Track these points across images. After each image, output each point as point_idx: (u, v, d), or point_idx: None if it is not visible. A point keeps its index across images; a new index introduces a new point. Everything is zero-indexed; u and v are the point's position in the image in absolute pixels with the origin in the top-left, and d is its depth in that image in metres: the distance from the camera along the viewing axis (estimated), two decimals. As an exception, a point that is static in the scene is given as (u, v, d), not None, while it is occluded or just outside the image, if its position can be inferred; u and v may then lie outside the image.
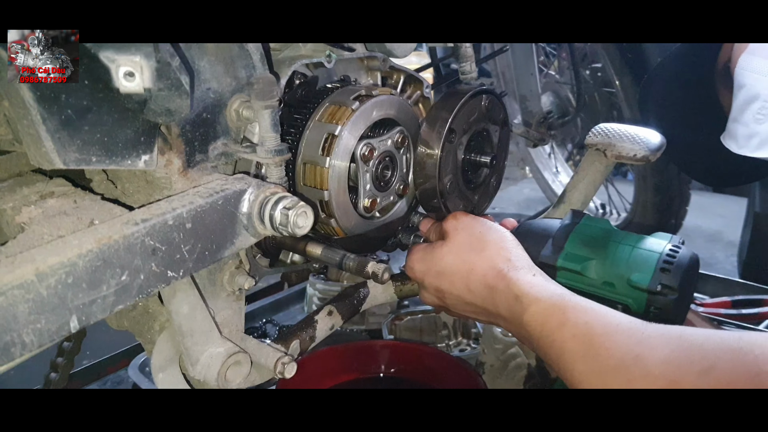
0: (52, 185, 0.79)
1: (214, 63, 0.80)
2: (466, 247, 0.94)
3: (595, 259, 0.92)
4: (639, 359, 0.67)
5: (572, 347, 0.74)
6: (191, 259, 0.69)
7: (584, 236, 0.97)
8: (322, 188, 0.89)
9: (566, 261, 0.94)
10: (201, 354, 0.84)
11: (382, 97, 0.95)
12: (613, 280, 0.90)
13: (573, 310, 0.78)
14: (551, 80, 2.31)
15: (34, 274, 0.56)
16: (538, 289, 0.84)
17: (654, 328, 0.71)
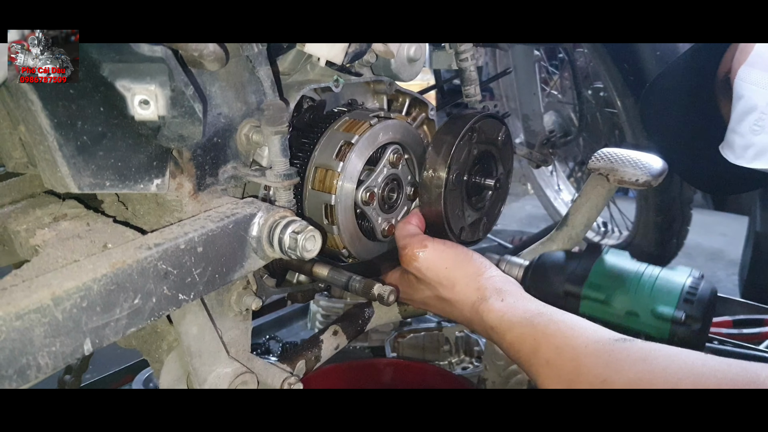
0: (65, 207, 0.81)
1: (225, 88, 0.82)
2: (439, 288, 0.96)
3: (619, 290, 0.95)
4: (606, 383, 0.70)
5: (547, 373, 0.77)
6: (202, 282, 0.71)
7: (607, 267, 0.99)
8: (330, 192, 0.91)
9: (590, 290, 0.97)
10: (209, 374, 0.85)
11: (397, 122, 0.97)
12: (638, 310, 0.93)
13: (543, 336, 0.80)
14: (554, 100, 2.34)
15: (50, 299, 0.57)
16: (509, 317, 0.85)
17: (621, 348, 0.73)
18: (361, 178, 0.95)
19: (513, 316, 0.85)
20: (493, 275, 0.93)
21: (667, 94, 1.17)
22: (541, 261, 1.07)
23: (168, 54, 0.65)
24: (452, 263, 0.95)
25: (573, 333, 0.78)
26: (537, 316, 0.84)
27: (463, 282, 0.93)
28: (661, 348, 0.71)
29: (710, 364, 0.66)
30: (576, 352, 0.75)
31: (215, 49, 0.71)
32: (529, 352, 0.80)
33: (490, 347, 1.48)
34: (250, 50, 0.78)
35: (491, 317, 0.87)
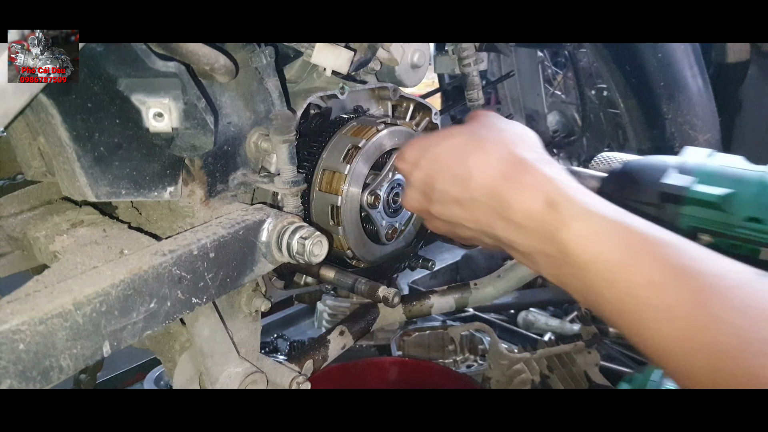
0: (81, 214, 0.84)
1: (235, 98, 0.85)
2: (483, 128, 0.74)
3: (736, 191, 0.73)
4: (762, 340, 0.47)
5: (655, 303, 0.53)
6: (214, 286, 0.74)
7: (719, 165, 0.77)
8: (336, 194, 0.93)
9: (701, 187, 0.74)
10: (220, 374, 0.88)
11: (403, 128, 1.00)
12: (761, 215, 0.71)
13: (645, 245, 0.56)
14: (557, 100, 2.36)
15: (71, 304, 0.60)
16: (584, 198, 0.61)
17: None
18: (366, 182, 0.97)
19: (592, 198, 0.61)
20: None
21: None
22: (629, 165, 0.86)
23: (181, 69, 0.68)
24: (519, 125, 0.75)
25: (692, 253, 0.55)
26: (626, 215, 0.59)
27: (520, 136, 0.71)
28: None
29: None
30: (703, 281, 0.52)
31: (226, 63, 0.74)
32: (617, 262, 0.56)
33: (494, 346, 1.50)
34: (259, 62, 0.81)
35: (558, 184, 0.62)
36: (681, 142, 1.66)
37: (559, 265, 0.62)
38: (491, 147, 0.69)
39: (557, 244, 0.60)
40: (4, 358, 0.56)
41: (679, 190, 0.75)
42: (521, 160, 0.66)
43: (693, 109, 1.64)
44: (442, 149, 0.74)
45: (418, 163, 0.76)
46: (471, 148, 0.70)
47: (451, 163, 0.71)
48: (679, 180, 0.76)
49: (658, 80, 1.61)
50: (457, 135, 0.74)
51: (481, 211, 0.68)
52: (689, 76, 1.64)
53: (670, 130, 1.65)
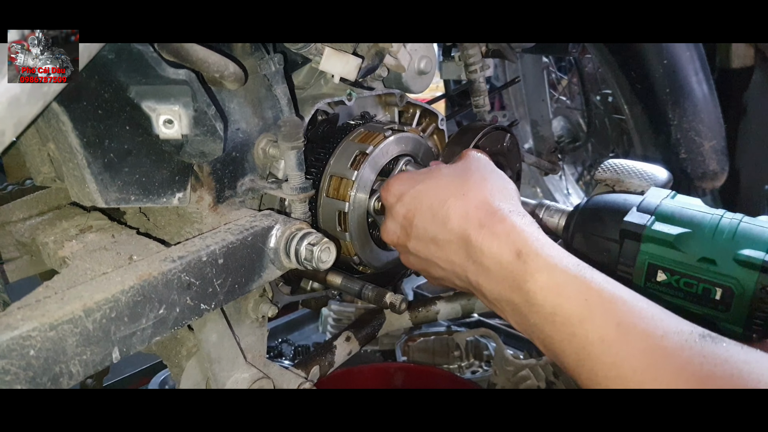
0: (90, 219, 0.84)
1: (243, 105, 0.85)
2: (467, 172, 0.77)
3: (692, 231, 0.76)
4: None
5: (600, 357, 0.58)
6: (222, 292, 0.74)
7: (678, 206, 0.80)
8: (343, 200, 0.94)
9: (658, 227, 0.77)
10: (227, 379, 0.88)
11: (410, 134, 1.00)
12: (715, 256, 0.73)
13: (599, 301, 0.60)
14: (562, 105, 2.36)
15: (82, 310, 0.60)
16: (551, 252, 0.65)
17: (711, 353, 0.55)
18: (374, 188, 0.98)
19: (556, 252, 0.65)
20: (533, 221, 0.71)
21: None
22: (593, 201, 0.89)
23: (191, 76, 0.68)
24: (500, 173, 0.78)
25: (641, 312, 0.58)
26: (587, 269, 0.63)
27: (500, 185, 0.75)
28: (764, 359, 0.54)
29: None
30: (649, 343, 0.56)
31: (235, 70, 0.74)
32: (575, 316, 0.60)
33: (500, 352, 1.50)
34: (268, 69, 0.81)
35: (527, 237, 0.66)
36: (686, 149, 1.66)
37: (525, 315, 0.65)
38: (471, 193, 0.73)
39: (524, 294, 0.64)
40: (14, 364, 0.56)
41: (638, 228, 0.78)
42: (496, 210, 0.70)
43: (698, 116, 1.64)
44: (425, 187, 0.77)
45: (402, 197, 0.79)
46: (452, 191, 0.74)
47: (432, 203, 0.75)
48: (638, 218, 0.79)
49: (663, 86, 1.61)
50: (442, 176, 0.77)
51: (455, 253, 0.72)
52: (695, 83, 1.64)
53: (675, 137, 1.65)
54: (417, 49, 1.07)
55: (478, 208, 0.71)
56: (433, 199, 0.75)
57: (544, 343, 0.64)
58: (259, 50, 0.84)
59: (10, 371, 0.56)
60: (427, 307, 1.20)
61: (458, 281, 0.75)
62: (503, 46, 1.25)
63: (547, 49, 1.46)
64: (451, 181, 0.76)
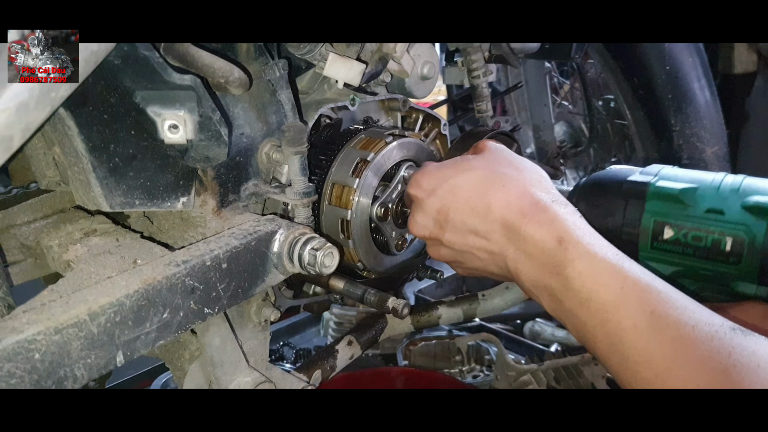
0: (94, 223, 0.85)
1: (247, 110, 0.86)
2: (502, 162, 0.79)
3: (697, 186, 0.76)
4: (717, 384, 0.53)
5: (634, 344, 0.60)
6: (226, 296, 0.74)
7: (680, 170, 0.80)
8: (346, 207, 0.94)
9: (662, 183, 0.76)
10: (230, 383, 0.89)
11: (411, 139, 1.00)
12: (722, 207, 0.73)
13: (633, 289, 0.62)
14: (564, 110, 2.36)
15: (86, 314, 0.61)
16: (591, 240, 0.67)
17: (741, 345, 0.55)
18: (376, 194, 0.98)
19: (596, 241, 0.67)
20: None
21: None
22: (595, 175, 0.90)
23: (197, 82, 0.68)
24: (529, 161, 0.80)
25: (675, 302, 0.60)
26: (625, 260, 0.65)
27: (536, 175, 0.77)
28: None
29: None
30: (680, 332, 0.57)
31: (240, 76, 0.74)
32: (609, 303, 0.62)
33: (501, 357, 1.50)
34: (272, 74, 0.82)
35: (567, 225, 0.68)
36: (688, 154, 1.66)
37: (561, 300, 0.67)
38: (511, 185, 0.75)
39: (562, 279, 0.66)
40: (20, 367, 0.56)
41: (642, 185, 0.78)
42: (538, 199, 0.73)
43: (701, 122, 1.64)
44: (460, 181, 0.78)
45: (435, 191, 0.80)
46: (491, 184, 0.76)
47: (470, 196, 0.76)
48: (641, 177, 0.80)
49: (666, 92, 1.62)
50: (477, 169, 0.78)
51: (496, 242, 0.74)
52: (697, 89, 1.64)
53: (677, 142, 1.65)
54: (420, 55, 1.08)
55: (520, 198, 0.73)
56: (471, 191, 0.76)
57: (576, 328, 0.66)
58: (263, 55, 0.84)
59: (16, 374, 0.56)
60: (429, 311, 1.21)
61: (496, 269, 0.77)
62: (506, 51, 1.25)
63: (550, 54, 1.46)
64: (488, 174, 0.77)
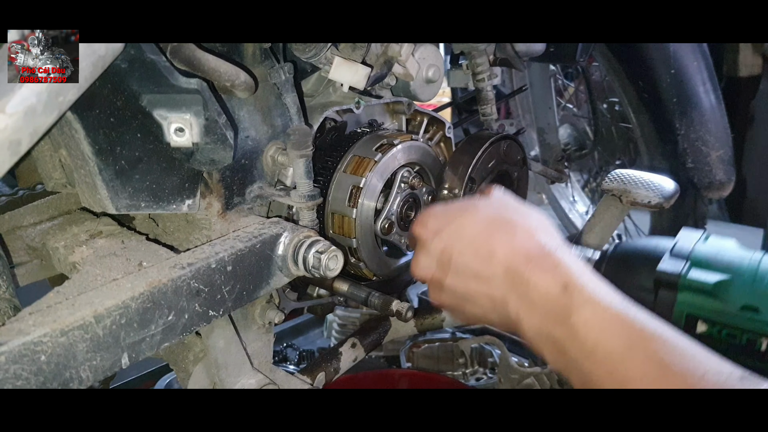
0: (100, 224, 0.85)
1: (253, 113, 0.86)
2: (508, 208, 0.78)
3: (731, 277, 0.73)
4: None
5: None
6: (230, 299, 0.75)
7: (713, 250, 0.77)
8: (350, 236, 0.94)
9: (695, 275, 0.74)
10: (234, 385, 0.89)
11: (403, 145, 1.00)
12: (758, 303, 0.71)
13: (641, 340, 0.60)
14: (569, 113, 2.36)
15: (92, 316, 0.61)
16: (595, 286, 0.66)
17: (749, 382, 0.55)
18: (378, 207, 0.98)
19: (600, 288, 0.65)
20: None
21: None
22: (622, 247, 0.87)
23: (203, 86, 0.69)
24: (535, 211, 0.78)
25: (683, 351, 0.59)
26: (630, 307, 0.63)
27: (542, 224, 0.75)
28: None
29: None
30: (688, 382, 0.57)
31: (246, 79, 0.75)
32: (616, 353, 0.60)
33: (504, 360, 1.50)
34: (278, 78, 0.82)
35: (572, 272, 0.66)
36: (693, 158, 1.66)
37: (565, 350, 0.65)
38: (517, 230, 0.73)
39: (567, 327, 0.64)
40: (26, 369, 0.56)
41: (673, 276, 0.76)
42: (543, 245, 0.71)
43: (705, 125, 1.64)
44: (465, 223, 0.76)
45: (439, 233, 0.78)
46: (497, 228, 0.74)
47: (474, 239, 0.74)
48: (672, 266, 0.77)
49: (671, 96, 1.62)
50: (483, 213, 0.77)
51: (498, 287, 0.72)
52: (702, 92, 1.64)
53: (682, 146, 1.65)
54: (425, 58, 1.08)
55: (525, 244, 0.72)
56: (476, 234, 0.75)
57: (582, 379, 0.64)
58: (269, 58, 0.85)
59: (22, 376, 0.56)
60: (432, 314, 1.21)
61: (497, 317, 0.74)
62: (511, 54, 1.25)
63: (555, 57, 1.46)
64: (493, 217, 0.76)
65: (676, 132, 1.64)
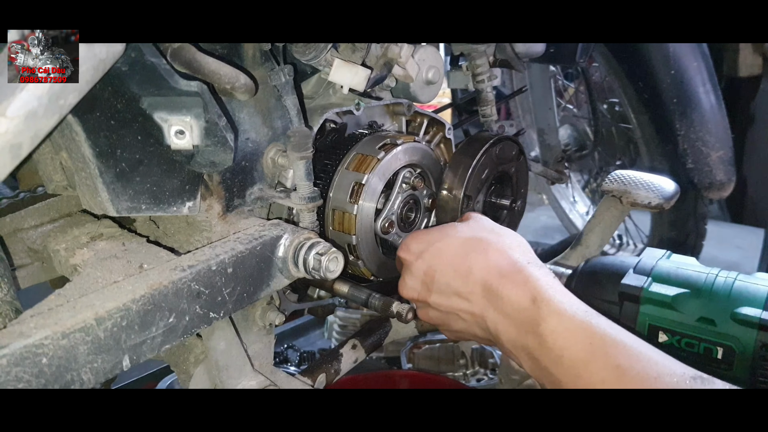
0: (101, 227, 0.85)
1: (253, 114, 0.86)
2: (485, 228, 0.84)
3: (689, 292, 0.79)
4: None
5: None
6: (231, 301, 0.75)
7: (673, 267, 0.83)
8: (350, 233, 0.94)
9: (655, 287, 0.80)
10: (235, 386, 0.89)
11: (406, 145, 1.00)
12: (713, 316, 0.77)
13: (602, 346, 0.65)
14: (569, 114, 2.36)
15: (93, 319, 0.61)
16: (561, 298, 0.71)
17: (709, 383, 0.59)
18: (378, 207, 0.98)
19: (567, 299, 0.70)
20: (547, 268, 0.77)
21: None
22: (591, 265, 0.93)
23: (203, 88, 0.69)
24: (511, 231, 0.84)
25: (639, 355, 0.64)
26: (594, 316, 0.68)
27: (516, 242, 0.80)
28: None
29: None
30: (644, 384, 0.61)
31: (246, 82, 0.75)
32: (580, 359, 0.65)
33: (505, 360, 1.50)
34: (278, 80, 0.82)
35: (540, 285, 0.72)
36: (693, 159, 1.66)
37: (537, 359, 0.70)
38: (491, 248, 0.79)
39: (537, 337, 0.69)
40: (27, 372, 0.56)
41: (635, 290, 0.82)
42: (515, 261, 0.76)
43: (706, 126, 1.64)
44: (444, 245, 0.82)
45: (422, 255, 0.84)
46: (472, 247, 0.80)
47: (453, 259, 0.80)
48: (635, 280, 0.83)
49: (671, 96, 1.62)
50: (460, 234, 0.83)
51: (477, 303, 0.77)
52: (702, 93, 1.64)
53: (682, 147, 1.65)
54: (425, 59, 1.08)
55: (498, 261, 0.77)
56: (454, 255, 0.80)
57: (554, 386, 0.69)
58: (269, 61, 0.85)
59: (23, 379, 0.56)
60: (433, 315, 1.21)
61: (479, 331, 0.80)
62: (511, 55, 1.25)
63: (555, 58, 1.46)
64: (469, 237, 0.82)
65: (677, 132, 1.65)
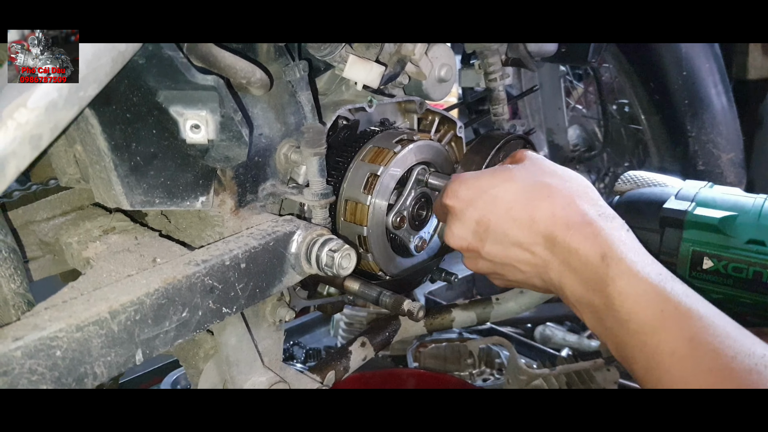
0: (113, 220, 0.85)
1: (267, 110, 0.86)
2: (545, 172, 0.76)
3: (737, 214, 0.74)
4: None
5: (670, 368, 0.59)
6: (244, 296, 0.74)
7: (718, 192, 0.79)
8: (361, 224, 0.94)
9: (701, 211, 0.75)
10: (245, 382, 0.89)
11: (421, 142, 0.99)
12: (764, 237, 0.72)
13: (675, 316, 0.60)
14: (578, 114, 2.36)
15: (107, 312, 0.61)
16: (635, 257, 0.65)
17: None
18: (390, 203, 0.97)
19: (641, 260, 0.65)
20: (620, 219, 0.71)
21: None
22: (628, 195, 0.88)
23: (219, 83, 0.69)
24: (573, 172, 0.77)
25: (716, 329, 0.58)
26: (668, 279, 0.63)
27: (582, 187, 0.74)
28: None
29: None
30: (718, 362, 0.56)
31: (262, 77, 0.75)
32: (648, 325, 0.61)
33: (513, 361, 1.50)
34: (293, 75, 0.82)
35: (612, 240, 0.66)
36: (704, 161, 1.66)
37: (602, 318, 0.66)
38: (556, 196, 0.72)
39: (604, 297, 0.65)
40: (41, 364, 0.56)
41: (679, 214, 0.77)
42: (584, 212, 0.70)
43: (717, 128, 1.64)
44: (501, 191, 0.75)
45: (474, 202, 0.77)
46: (535, 195, 0.73)
47: (512, 206, 0.74)
48: (678, 204, 0.78)
49: (682, 98, 1.61)
50: (518, 179, 0.75)
51: (540, 254, 0.72)
52: (714, 95, 1.63)
53: (693, 148, 1.65)
54: (438, 57, 1.08)
55: (565, 210, 0.71)
56: (513, 202, 0.74)
57: (617, 347, 0.65)
58: (283, 56, 0.85)
59: (37, 371, 0.56)
60: (442, 314, 1.21)
61: (539, 282, 0.75)
62: (523, 54, 1.25)
63: (567, 57, 1.46)
64: (532, 184, 0.75)
65: (687, 134, 1.64)
